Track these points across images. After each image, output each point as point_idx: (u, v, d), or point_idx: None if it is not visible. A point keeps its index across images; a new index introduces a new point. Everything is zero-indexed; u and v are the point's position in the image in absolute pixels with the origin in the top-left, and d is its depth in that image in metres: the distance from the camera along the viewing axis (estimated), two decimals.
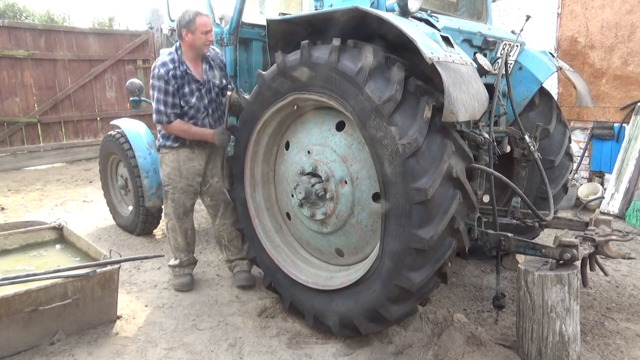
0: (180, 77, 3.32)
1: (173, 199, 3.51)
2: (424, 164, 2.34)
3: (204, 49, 3.35)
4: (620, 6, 5.88)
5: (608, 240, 2.82)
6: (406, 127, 2.36)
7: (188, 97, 3.36)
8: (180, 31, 3.28)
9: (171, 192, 3.50)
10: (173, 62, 3.32)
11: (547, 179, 3.37)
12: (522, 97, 3.67)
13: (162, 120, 3.33)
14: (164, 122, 3.33)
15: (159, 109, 3.31)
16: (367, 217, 2.82)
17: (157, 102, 3.31)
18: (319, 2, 3.28)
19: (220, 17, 4.08)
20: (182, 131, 3.37)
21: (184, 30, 3.26)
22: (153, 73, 3.32)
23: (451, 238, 2.49)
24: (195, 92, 3.39)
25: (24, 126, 8.74)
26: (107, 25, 18.04)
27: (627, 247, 4.46)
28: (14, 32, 8.49)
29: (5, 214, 5.75)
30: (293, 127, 3.19)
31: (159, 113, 3.32)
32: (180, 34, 3.29)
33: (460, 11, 3.89)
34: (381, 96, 2.40)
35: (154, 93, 3.32)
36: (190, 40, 3.28)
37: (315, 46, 2.72)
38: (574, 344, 2.58)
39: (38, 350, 2.75)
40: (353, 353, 2.78)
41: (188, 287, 3.61)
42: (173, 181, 3.47)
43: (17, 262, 3.46)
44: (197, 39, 3.28)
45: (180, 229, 3.59)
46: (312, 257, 3.29)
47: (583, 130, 6.40)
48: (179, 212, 3.54)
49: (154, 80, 3.30)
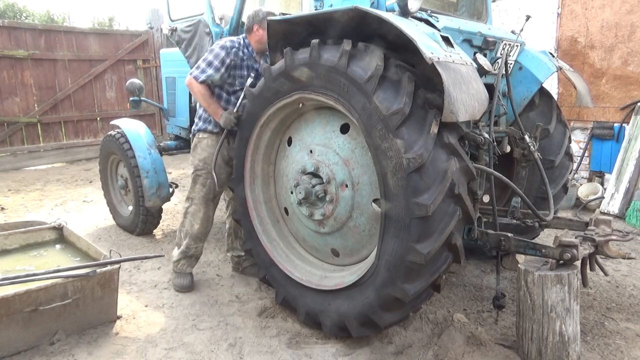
0: (241, 59, 3.47)
1: (205, 184, 3.54)
2: (427, 180, 2.33)
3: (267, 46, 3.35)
4: (620, 6, 5.88)
5: (608, 240, 2.82)
6: (412, 142, 2.34)
7: (244, 79, 3.45)
8: (251, 25, 3.47)
9: (204, 177, 3.53)
10: (239, 44, 3.48)
11: (547, 179, 3.38)
12: (522, 97, 3.67)
13: (197, 76, 3.35)
14: (198, 77, 3.35)
15: (202, 66, 3.37)
16: (365, 221, 2.82)
17: (205, 61, 3.38)
18: (319, 2, 3.27)
19: (220, 17, 4.09)
20: (202, 95, 3.40)
21: (255, 25, 3.45)
22: (217, 44, 3.45)
23: (448, 253, 2.50)
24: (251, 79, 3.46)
25: (24, 126, 8.74)
26: (107, 25, 18.04)
27: (627, 247, 4.46)
28: (14, 32, 8.49)
29: (5, 214, 5.75)
30: (297, 124, 3.19)
31: (198, 68, 3.38)
32: (250, 27, 3.48)
33: (460, 11, 3.89)
34: (389, 107, 2.37)
35: (208, 55, 3.40)
36: (260, 36, 3.43)
37: (325, 46, 2.68)
38: (574, 344, 2.58)
39: (38, 350, 2.75)
40: (353, 353, 2.78)
41: (188, 289, 3.61)
42: (208, 166, 3.48)
43: (17, 262, 3.46)
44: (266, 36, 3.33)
45: (204, 215, 3.60)
46: (308, 254, 3.30)
47: (583, 130, 6.40)
48: (209, 196, 3.58)
49: (216, 47, 3.41)
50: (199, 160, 3.54)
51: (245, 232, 3.42)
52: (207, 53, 3.45)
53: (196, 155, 3.57)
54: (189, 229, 3.61)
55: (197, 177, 3.55)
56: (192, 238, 3.62)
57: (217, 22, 4.10)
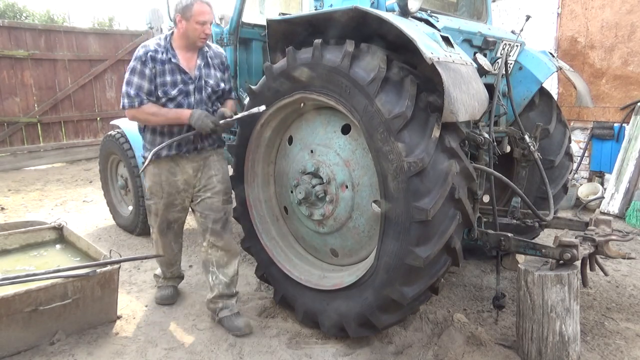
0: (162, 63, 2.83)
1: (156, 213, 3.12)
2: (428, 184, 2.33)
3: (198, 41, 2.88)
4: (620, 6, 5.87)
5: (608, 240, 2.82)
6: (413, 145, 2.34)
7: (169, 88, 2.85)
8: (174, 16, 2.83)
9: (154, 207, 3.11)
10: (158, 46, 2.86)
11: (547, 179, 3.38)
12: (522, 97, 3.67)
13: (132, 104, 2.81)
14: (135, 105, 2.81)
15: (128, 92, 2.81)
16: (364, 222, 2.82)
17: (127, 84, 2.82)
18: (319, 2, 3.27)
19: (220, 17, 4.08)
20: (153, 114, 2.85)
21: (178, 15, 2.81)
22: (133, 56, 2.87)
23: (447, 256, 2.51)
24: (179, 85, 2.88)
25: (24, 126, 8.73)
26: (107, 25, 18.05)
27: (627, 247, 4.46)
28: (14, 32, 8.48)
29: (5, 214, 5.75)
30: (298, 123, 3.18)
31: (127, 97, 2.81)
32: (174, 18, 2.84)
33: (460, 11, 3.88)
34: (391, 110, 2.37)
35: (126, 75, 2.84)
36: (183, 29, 2.82)
37: (327, 47, 2.67)
38: (574, 344, 2.58)
39: (38, 350, 2.75)
40: (353, 353, 2.78)
41: (170, 300, 3.41)
42: (155, 196, 3.06)
43: (17, 262, 3.45)
44: (191, 29, 2.82)
45: (163, 243, 3.25)
46: (307, 253, 3.30)
47: (583, 130, 6.40)
48: (162, 226, 3.17)
49: (131, 61, 2.84)
50: (147, 190, 3.10)
51: (245, 230, 3.41)
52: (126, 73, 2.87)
53: (144, 184, 3.20)
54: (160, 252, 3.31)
55: (149, 207, 3.16)
56: (164, 264, 3.40)
57: (217, 22, 4.10)
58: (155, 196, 3.06)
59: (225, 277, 3.09)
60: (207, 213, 3.05)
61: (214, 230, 3.05)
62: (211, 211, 3.04)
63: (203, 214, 3.06)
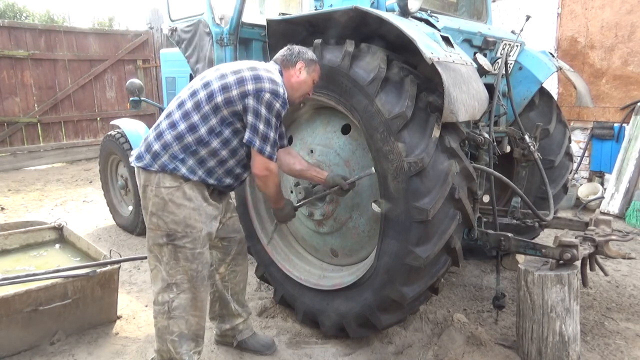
0: None
1: (193, 258, 2.27)
2: (428, 184, 2.32)
3: (300, 97, 2.53)
4: (620, 6, 5.88)
5: (608, 240, 2.82)
6: (413, 145, 2.34)
7: (283, 139, 2.58)
8: (295, 60, 2.44)
9: (190, 248, 2.25)
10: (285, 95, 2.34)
11: (547, 179, 3.38)
12: (522, 97, 3.67)
13: (271, 154, 2.28)
14: (273, 155, 2.30)
15: (264, 134, 2.24)
16: (364, 222, 2.82)
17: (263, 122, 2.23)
18: (319, 2, 3.27)
19: (220, 17, 4.08)
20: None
21: (300, 62, 2.44)
22: (277, 96, 2.24)
23: (447, 256, 2.51)
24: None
25: (24, 126, 8.74)
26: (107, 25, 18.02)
27: (627, 247, 4.46)
28: (14, 32, 8.50)
29: (5, 214, 5.75)
30: (297, 123, 3.19)
31: (264, 139, 2.24)
32: (294, 62, 2.44)
33: (460, 11, 3.88)
34: (391, 111, 2.37)
35: (271, 117, 2.24)
36: (298, 79, 2.44)
37: (327, 47, 2.67)
38: (574, 344, 2.58)
39: (38, 350, 2.75)
40: (353, 353, 2.78)
41: None
42: (193, 229, 2.25)
43: (17, 262, 3.46)
44: (305, 84, 2.47)
45: (201, 302, 2.37)
46: (307, 253, 3.30)
47: (583, 130, 6.40)
48: (203, 274, 2.34)
49: (278, 103, 2.24)
50: (175, 223, 2.23)
51: (245, 231, 3.40)
52: (267, 111, 2.21)
53: (168, 215, 2.22)
54: (184, 330, 2.33)
55: (178, 250, 2.25)
56: (191, 339, 2.37)
57: (217, 22, 4.09)
58: (193, 230, 2.26)
59: (240, 305, 2.79)
60: (232, 236, 2.67)
61: (239, 251, 2.71)
62: (235, 232, 2.69)
63: (226, 239, 2.66)
